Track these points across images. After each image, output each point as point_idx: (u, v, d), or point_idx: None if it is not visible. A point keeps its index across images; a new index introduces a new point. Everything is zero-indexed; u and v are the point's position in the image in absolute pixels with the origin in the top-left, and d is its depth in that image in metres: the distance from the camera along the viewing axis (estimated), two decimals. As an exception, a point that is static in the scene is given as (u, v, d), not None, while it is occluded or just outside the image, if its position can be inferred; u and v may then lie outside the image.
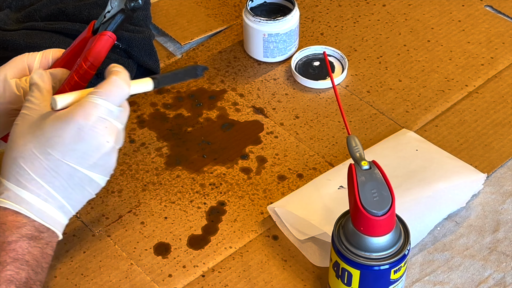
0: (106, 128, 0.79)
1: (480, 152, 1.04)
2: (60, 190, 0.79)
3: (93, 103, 0.78)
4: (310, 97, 1.12)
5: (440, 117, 1.09)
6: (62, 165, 0.78)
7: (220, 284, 0.91)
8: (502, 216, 0.97)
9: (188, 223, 0.97)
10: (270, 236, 0.95)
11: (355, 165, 0.79)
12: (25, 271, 0.76)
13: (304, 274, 0.92)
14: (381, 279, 0.81)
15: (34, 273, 0.77)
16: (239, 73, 1.16)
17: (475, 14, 1.24)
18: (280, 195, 0.99)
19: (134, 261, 0.93)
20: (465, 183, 0.98)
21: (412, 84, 1.14)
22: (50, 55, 0.88)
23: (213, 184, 1.01)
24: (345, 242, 0.81)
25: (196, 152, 1.05)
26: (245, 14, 1.15)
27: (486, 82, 1.14)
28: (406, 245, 0.80)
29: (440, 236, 0.95)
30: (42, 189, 0.78)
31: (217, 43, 1.21)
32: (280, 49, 1.15)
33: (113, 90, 0.79)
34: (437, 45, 1.19)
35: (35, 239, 0.77)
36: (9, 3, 1.20)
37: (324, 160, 1.04)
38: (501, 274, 0.91)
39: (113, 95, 0.79)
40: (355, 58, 1.18)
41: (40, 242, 0.78)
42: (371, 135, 1.07)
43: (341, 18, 1.24)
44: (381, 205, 0.77)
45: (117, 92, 0.79)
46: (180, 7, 1.27)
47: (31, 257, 0.77)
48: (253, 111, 1.10)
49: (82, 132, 0.78)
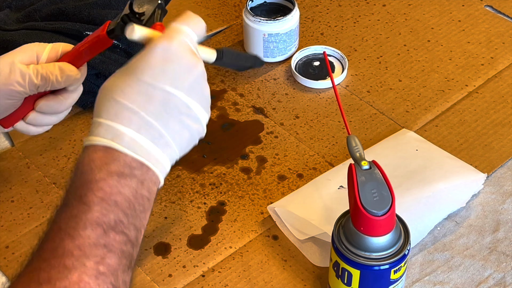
0: (191, 51, 0.75)
1: (480, 152, 1.04)
2: (154, 116, 0.72)
3: (175, 28, 0.76)
4: (310, 97, 1.12)
5: (440, 117, 1.09)
6: (155, 89, 0.72)
7: (220, 284, 0.91)
8: (502, 216, 0.97)
9: (188, 223, 0.97)
10: (270, 236, 0.95)
11: (355, 165, 0.79)
12: (114, 213, 0.68)
13: (304, 274, 0.92)
14: (381, 279, 0.81)
15: (125, 215, 0.69)
16: (239, 73, 1.16)
17: (475, 14, 1.24)
18: (280, 195, 0.99)
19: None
20: (465, 183, 0.98)
21: (412, 84, 1.14)
22: (60, 48, 0.88)
23: (213, 184, 1.01)
24: (345, 242, 0.81)
25: (196, 152, 1.05)
26: (245, 14, 1.15)
27: (486, 82, 1.14)
28: (406, 245, 0.80)
29: (440, 236, 0.95)
30: (135, 117, 0.71)
31: (217, 43, 1.21)
32: (280, 49, 1.15)
33: (192, 18, 0.78)
34: (437, 45, 1.19)
35: (126, 176, 0.70)
36: (9, 3, 1.20)
37: (324, 160, 1.04)
38: (501, 274, 0.91)
39: (192, 23, 0.78)
40: (355, 58, 1.18)
41: (132, 180, 0.70)
42: (371, 135, 1.07)
43: (341, 18, 1.24)
44: (381, 205, 0.77)
45: (196, 21, 0.78)
46: (180, 7, 1.27)
47: (122, 197, 0.69)
48: (253, 111, 1.10)
49: (168, 52, 0.73)
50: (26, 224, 0.97)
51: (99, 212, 0.68)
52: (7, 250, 0.94)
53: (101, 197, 0.68)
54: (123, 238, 0.69)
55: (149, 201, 0.72)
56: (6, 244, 0.94)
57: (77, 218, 0.67)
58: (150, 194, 0.72)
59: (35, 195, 1.00)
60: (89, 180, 0.69)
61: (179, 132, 0.74)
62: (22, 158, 1.04)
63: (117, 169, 0.70)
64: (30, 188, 1.00)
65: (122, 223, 0.69)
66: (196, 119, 0.75)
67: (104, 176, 0.69)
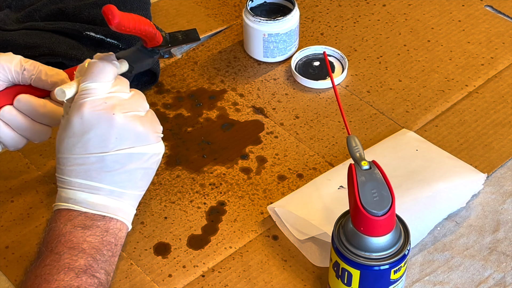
0: (105, 104, 0.80)
1: (480, 152, 1.04)
2: (98, 179, 0.81)
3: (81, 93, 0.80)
4: (310, 97, 1.12)
5: (440, 117, 1.09)
6: (87, 158, 0.80)
7: (220, 284, 0.91)
8: (502, 216, 0.97)
9: (188, 223, 0.97)
10: (270, 236, 0.95)
11: (355, 165, 0.79)
12: (83, 258, 0.77)
13: (304, 274, 0.92)
14: (381, 279, 0.81)
15: (94, 260, 0.78)
16: (239, 73, 1.16)
17: (475, 14, 1.24)
18: (280, 195, 0.99)
19: (134, 261, 0.93)
20: (465, 183, 0.98)
21: (412, 84, 1.14)
22: None
23: (213, 184, 1.01)
24: (345, 242, 0.81)
25: (196, 152, 1.05)
26: (245, 14, 1.15)
27: (486, 82, 1.14)
28: (406, 245, 0.80)
29: (440, 236, 0.95)
30: (83, 183, 0.81)
31: (217, 43, 1.21)
32: (280, 49, 1.15)
33: (94, 70, 0.81)
34: (437, 45, 1.19)
35: (89, 227, 0.79)
36: (9, 3, 1.20)
37: (324, 160, 1.04)
38: (501, 274, 0.91)
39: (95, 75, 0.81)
40: (355, 58, 1.18)
41: (96, 230, 0.80)
42: (371, 135, 1.07)
43: (341, 18, 1.24)
44: (381, 205, 0.77)
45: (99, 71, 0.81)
46: (180, 7, 1.27)
47: (88, 245, 0.78)
48: (253, 111, 1.10)
49: (85, 122, 0.79)
50: (26, 224, 0.97)
51: (69, 259, 0.77)
52: (7, 250, 0.94)
53: (69, 247, 0.78)
54: (94, 281, 0.77)
55: (116, 246, 0.81)
56: (6, 244, 0.94)
57: (50, 265, 0.76)
58: (116, 240, 0.81)
59: (35, 195, 1.00)
60: (57, 234, 0.79)
61: (128, 179, 0.82)
62: (22, 158, 1.04)
63: (80, 223, 0.79)
64: (30, 188, 1.00)
65: (92, 267, 0.77)
66: (139, 156, 0.82)
67: (70, 229, 0.79)
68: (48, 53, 1.08)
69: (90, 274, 0.77)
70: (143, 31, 0.85)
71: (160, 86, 1.14)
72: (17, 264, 0.92)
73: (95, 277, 0.77)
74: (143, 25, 0.84)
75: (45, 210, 0.98)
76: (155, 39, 0.88)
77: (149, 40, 0.88)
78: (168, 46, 0.91)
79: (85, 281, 0.76)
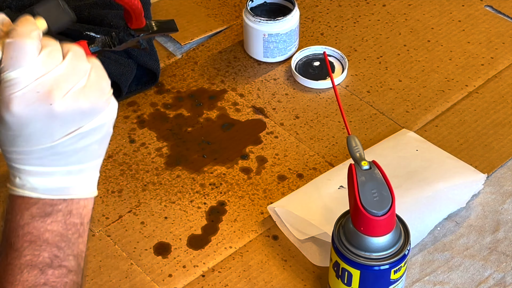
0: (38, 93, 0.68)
1: (480, 152, 1.04)
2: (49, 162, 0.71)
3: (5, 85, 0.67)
4: (310, 97, 1.12)
5: (440, 117, 1.09)
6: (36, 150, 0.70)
7: (220, 284, 0.91)
8: (502, 216, 0.97)
9: (188, 223, 0.97)
10: (270, 236, 0.95)
11: (355, 165, 0.79)
12: (46, 251, 0.70)
13: (304, 274, 0.92)
14: (381, 279, 0.81)
15: (59, 249, 0.70)
16: (239, 73, 1.16)
17: (475, 14, 1.24)
18: (280, 195, 0.99)
19: (134, 261, 0.93)
20: (465, 183, 0.98)
21: (412, 84, 1.14)
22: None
23: (213, 184, 1.01)
24: (345, 242, 0.81)
25: (196, 152, 1.05)
26: (245, 14, 1.15)
27: (486, 82, 1.14)
28: (406, 245, 0.80)
29: (440, 236, 0.95)
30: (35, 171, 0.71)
31: (217, 43, 1.21)
32: (280, 49, 1.15)
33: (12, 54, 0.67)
34: (437, 45, 1.19)
35: (49, 214, 0.71)
36: (9, 3, 1.20)
37: (324, 160, 1.04)
38: (501, 274, 0.91)
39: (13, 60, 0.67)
40: (355, 58, 1.18)
41: (58, 214, 0.71)
42: (371, 135, 1.07)
43: (341, 18, 1.24)
44: (381, 205, 0.77)
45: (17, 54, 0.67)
46: (180, 7, 1.27)
47: (51, 234, 0.70)
48: (253, 111, 1.10)
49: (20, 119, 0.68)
50: (26, 224, 0.97)
51: (31, 255, 0.69)
52: (7, 250, 0.94)
53: (29, 240, 0.69)
54: (62, 271, 0.70)
55: (83, 225, 0.73)
56: (6, 244, 0.94)
57: (11, 265, 0.69)
58: (82, 218, 0.73)
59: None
60: (15, 227, 0.70)
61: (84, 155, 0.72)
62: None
63: (38, 212, 0.70)
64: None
65: (57, 258, 0.70)
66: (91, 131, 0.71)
67: (28, 220, 0.70)
68: (48, 53, 1.08)
69: (56, 266, 0.70)
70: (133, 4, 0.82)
71: (160, 86, 1.14)
72: (17, 264, 0.92)
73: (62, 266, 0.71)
74: None
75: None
76: (140, 18, 0.84)
77: (136, 17, 0.84)
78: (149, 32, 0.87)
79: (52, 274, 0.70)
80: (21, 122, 0.68)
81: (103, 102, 0.71)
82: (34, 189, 0.71)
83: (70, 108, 0.69)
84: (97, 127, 0.71)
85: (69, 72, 0.70)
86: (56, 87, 0.68)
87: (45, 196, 0.71)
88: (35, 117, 0.68)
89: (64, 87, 0.69)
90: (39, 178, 0.71)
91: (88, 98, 0.70)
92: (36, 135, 0.69)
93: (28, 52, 0.68)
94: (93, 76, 0.71)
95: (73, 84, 0.69)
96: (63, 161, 0.71)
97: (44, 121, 0.68)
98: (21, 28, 0.69)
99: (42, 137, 0.69)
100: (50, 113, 0.68)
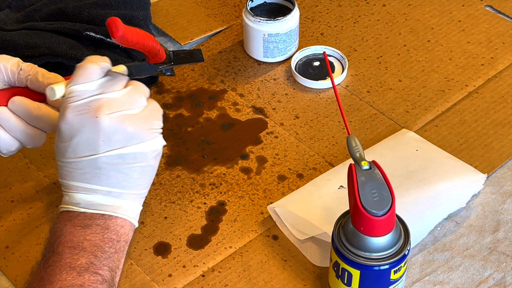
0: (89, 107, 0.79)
1: (480, 152, 1.04)
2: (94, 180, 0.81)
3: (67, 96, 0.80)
4: (310, 97, 1.12)
5: (440, 117, 1.09)
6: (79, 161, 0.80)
7: (220, 284, 0.91)
8: (502, 216, 0.97)
9: (188, 223, 0.97)
10: (270, 236, 0.95)
11: (355, 165, 0.79)
12: (83, 257, 0.78)
13: (304, 274, 0.92)
14: (381, 279, 0.81)
15: (95, 257, 0.78)
16: (239, 73, 1.16)
17: (475, 14, 1.24)
18: (280, 195, 0.99)
19: (134, 261, 0.93)
20: (465, 183, 0.98)
21: (412, 84, 1.14)
22: None
23: (213, 184, 1.01)
24: (345, 242, 0.81)
25: (196, 152, 1.05)
26: (245, 14, 1.15)
27: (486, 82, 1.14)
28: (406, 245, 0.80)
29: (440, 236, 0.95)
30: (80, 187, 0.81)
31: (217, 43, 1.21)
32: (280, 49, 1.15)
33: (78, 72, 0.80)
34: (437, 45, 1.19)
35: (89, 226, 0.80)
36: (9, 3, 1.20)
37: (324, 160, 1.04)
38: (501, 274, 0.91)
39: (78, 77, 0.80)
40: (355, 58, 1.18)
41: (96, 228, 0.80)
42: (371, 135, 1.07)
43: (341, 18, 1.24)
44: (381, 205, 0.77)
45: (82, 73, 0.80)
46: (180, 7, 1.27)
47: (89, 243, 0.79)
48: (253, 111, 1.10)
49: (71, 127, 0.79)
50: (26, 224, 0.97)
51: (70, 258, 0.77)
52: (7, 250, 0.94)
53: (70, 246, 0.78)
54: (97, 278, 0.77)
55: (119, 242, 0.81)
56: (6, 244, 0.94)
57: (52, 266, 0.77)
58: (118, 236, 0.81)
59: (35, 195, 1.00)
60: (59, 235, 0.79)
61: (124, 179, 0.81)
62: (22, 158, 1.04)
63: (79, 223, 0.80)
64: (30, 188, 1.00)
65: (94, 265, 0.78)
66: (133, 155, 0.81)
67: (70, 229, 0.79)
68: (48, 53, 1.08)
69: (92, 272, 0.77)
70: (146, 46, 0.84)
71: (160, 86, 1.14)
72: (17, 264, 0.92)
73: (98, 274, 0.78)
74: (147, 40, 0.83)
75: (45, 210, 0.98)
76: (158, 55, 0.87)
77: (152, 56, 0.87)
78: (170, 64, 0.90)
79: (88, 279, 0.77)
80: (71, 130, 0.79)
81: (149, 133, 0.81)
82: (77, 203, 0.81)
83: (114, 125, 0.79)
84: (138, 153, 0.81)
85: (124, 99, 0.80)
86: (106, 106, 0.79)
87: (85, 210, 0.81)
88: (82, 127, 0.78)
89: (114, 108, 0.79)
90: (82, 194, 0.81)
91: (134, 124, 0.80)
92: (82, 145, 0.79)
93: (91, 73, 0.80)
94: (146, 111, 0.81)
95: (124, 109, 0.80)
96: (104, 180, 0.80)
97: (89, 132, 0.78)
98: (92, 58, 0.81)
99: (86, 148, 0.79)
100: (94, 125, 0.78)
